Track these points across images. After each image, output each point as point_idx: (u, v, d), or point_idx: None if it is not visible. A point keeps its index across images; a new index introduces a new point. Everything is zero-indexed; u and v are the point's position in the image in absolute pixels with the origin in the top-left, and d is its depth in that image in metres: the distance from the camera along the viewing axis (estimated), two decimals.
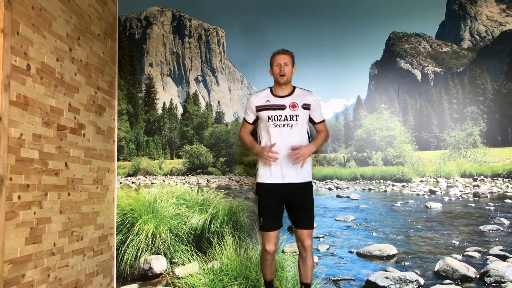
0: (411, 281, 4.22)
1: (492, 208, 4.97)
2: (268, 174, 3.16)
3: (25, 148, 2.69)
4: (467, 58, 6.22)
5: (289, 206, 3.21)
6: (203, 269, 4.39)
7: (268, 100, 3.19)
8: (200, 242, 4.73)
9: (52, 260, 3.03)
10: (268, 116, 3.15)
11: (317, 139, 3.28)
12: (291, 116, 3.13)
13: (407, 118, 5.59)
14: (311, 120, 3.27)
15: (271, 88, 3.27)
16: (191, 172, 5.61)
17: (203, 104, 6.33)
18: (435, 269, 4.35)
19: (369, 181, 5.56)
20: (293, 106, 3.15)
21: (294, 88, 3.25)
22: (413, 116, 5.63)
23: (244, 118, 3.35)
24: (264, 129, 3.20)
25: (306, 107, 3.18)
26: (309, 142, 3.23)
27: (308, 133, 3.26)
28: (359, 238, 4.80)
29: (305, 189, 3.19)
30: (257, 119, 3.27)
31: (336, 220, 5.07)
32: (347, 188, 5.52)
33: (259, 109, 3.20)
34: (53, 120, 3.06)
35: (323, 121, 3.33)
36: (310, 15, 5.48)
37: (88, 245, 3.65)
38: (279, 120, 3.13)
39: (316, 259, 4.55)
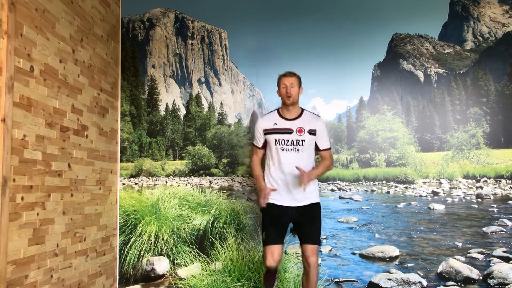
0: (414, 283, 4.21)
1: (495, 209, 4.95)
2: (276, 196, 3.15)
3: (28, 149, 2.70)
4: (470, 59, 6.22)
5: (296, 223, 3.21)
6: (206, 270, 4.39)
7: (275, 123, 3.19)
8: (203, 243, 4.74)
9: (55, 261, 3.04)
10: (276, 140, 3.15)
11: (320, 167, 3.23)
12: (297, 141, 3.13)
13: (410, 119, 5.58)
14: (316, 146, 3.25)
15: (278, 110, 3.27)
16: (193, 173, 5.62)
17: (205, 105, 6.34)
18: (438, 271, 4.34)
19: (371, 182, 5.56)
20: (300, 131, 3.14)
21: (302, 110, 3.24)
22: (415, 117, 5.63)
23: (253, 144, 3.34)
24: (271, 153, 3.20)
25: (312, 132, 3.17)
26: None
27: (314, 158, 3.25)
28: (362, 240, 4.80)
29: (313, 209, 3.19)
30: (265, 142, 3.26)
31: (339, 222, 5.06)
32: (350, 189, 5.51)
33: (267, 132, 3.20)
34: (56, 121, 3.07)
35: (329, 149, 3.29)
36: (312, 16, 5.48)
37: (91, 246, 3.66)
38: (286, 144, 3.13)
39: (318, 260, 4.55)
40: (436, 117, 5.65)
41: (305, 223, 3.16)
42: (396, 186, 5.43)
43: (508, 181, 5.17)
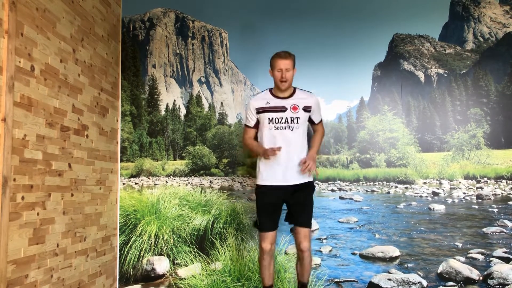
0: (414, 283, 4.21)
1: (495, 210, 4.95)
2: (269, 176, 3.15)
3: (28, 149, 2.70)
4: (470, 59, 6.21)
5: (289, 204, 3.20)
6: (206, 270, 4.39)
7: (268, 102, 3.15)
8: (203, 243, 4.74)
9: (55, 261, 3.04)
10: (269, 119, 3.12)
11: (316, 142, 3.27)
12: (292, 119, 3.10)
13: (410, 119, 5.58)
14: (310, 120, 3.25)
15: (270, 90, 3.23)
16: (194, 173, 5.62)
17: (206, 105, 6.34)
18: (438, 271, 4.34)
19: (372, 183, 5.55)
20: (294, 108, 3.12)
21: (294, 89, 3.21)
22: (416, 118, 5.62)
23: (245, 124, 3.31)
24: (265, 132, 3.17)
25: (307, 109, 3.15)
26: (307, 142, 3.22)
27: (306, 135, 3.25)
28: (362, 240, 4.80)
29: (306, 188, 3.18)
30: (258, 122, 3.24)
31: (339, 222, 5.06)
32: (350, 189, 5.51)
33: (260, 111, 3.16)
34: (56, 121, 3.07)
35: (321, 120, 3.35)
36: (313, 16, 5.48)
37: (91, 246, 3.66)
38: (280, 123, 3.10)
39: (318, 260, 4.55)
40: (436, 117, 5.64)
41: (298, 204, 3.16)
42: (396, 187, 5.43)
43: (508, 181, 5.16)
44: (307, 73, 5.16)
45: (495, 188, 5.19)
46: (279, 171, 3.12)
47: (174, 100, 6.26)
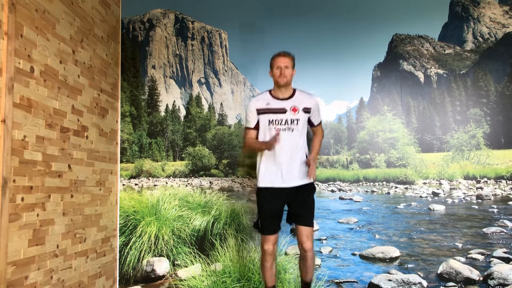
0: (414, 284, 4.21)
1: (495, 210, 4.95)
2: (269, 179, 3.15)
3: (28, 150, 2.69)
4: (470, 60, 6.21)
5: (290, 204, 3.20)
6: (206, 271, 4.39)
7: (268, 103, 3.16)
8: (203, 244, 4.74)
9: (55, 262, 3.03)
10: (269, 120, 3.12)
11: (316, 144, 3.28)
12: (292, 120, 3.11)
13: (410, 120, 5.58)
14: (309, 122, 3.25)
15: (270, 91, 3.23)
16: (194, 174, 5.62)
17: (206, 106, 6.33)
18: (438, 272, 4.33)
19: (372, 183, 5.55)
20: (294, 109, 3.13)
21: (294, 90, 3.21)
22: (416, 118, 5.62)
23: (246, 126, 3.30)
24: (265, 133, 3.17)
25: (307, 110, 3.16)
26: (307, 143, 3.22)
27: (305, 136, 3.25)
28: (362, 240, 4.80)
29: (307, 189, 3.18)
30: (258, 123, 3.23)
31: (339, 222, 5.06)
32: (350, 190, 5.51)
33: (260, 112, 3.17)
34: (56, 122, 3.06)
35: (320, 122, 3.35)
36: (312, 17, 5.48)
37: (91, 247, 3.65)
38: (280, 124, 3.11)
39: (318, 261, 4.55)
40: (436, 117, 5.65)
41: (299, 204, 3.14)
42: (396, 187, 5.43)
43: (508, 182, 5.17)
44: (306, 73, 5.16)
45: (495, 188, 5.19)
46: (279, 173, 3.12)
47: (174, 101, 6.26)
